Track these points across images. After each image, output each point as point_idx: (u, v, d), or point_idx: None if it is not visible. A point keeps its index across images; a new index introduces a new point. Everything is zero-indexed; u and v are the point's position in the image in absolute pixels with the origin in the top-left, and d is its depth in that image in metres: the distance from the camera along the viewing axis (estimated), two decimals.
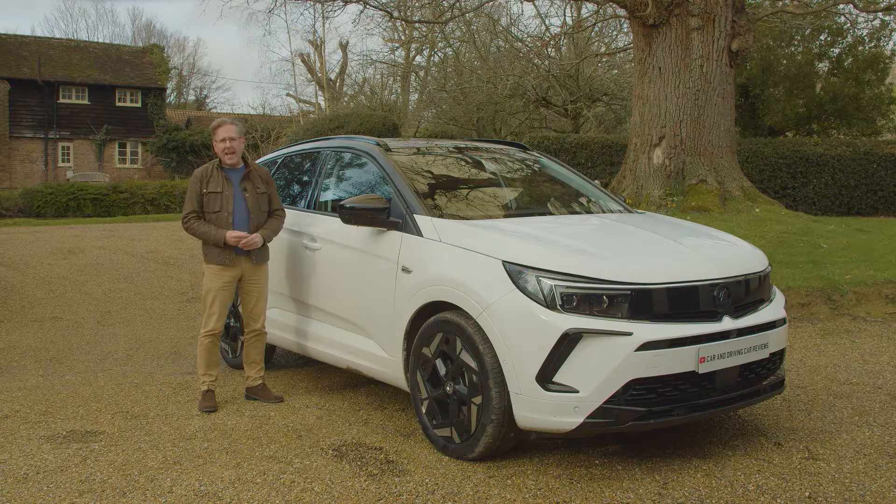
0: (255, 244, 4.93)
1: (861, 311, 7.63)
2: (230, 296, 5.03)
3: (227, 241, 4.85)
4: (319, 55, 36.37)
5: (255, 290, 5.06)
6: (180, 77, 53.08)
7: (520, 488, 3.64)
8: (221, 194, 4.92)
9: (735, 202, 12.03)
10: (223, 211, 4.91)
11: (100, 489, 3.69)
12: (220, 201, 4.92)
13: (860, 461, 3.96)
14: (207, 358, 5.01)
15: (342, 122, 23.13)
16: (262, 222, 5.06)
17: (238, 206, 4.95)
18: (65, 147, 35.89)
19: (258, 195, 5.03)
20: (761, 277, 4.23)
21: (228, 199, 4.93)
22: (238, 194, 4.97)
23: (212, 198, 4.92)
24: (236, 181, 4.99)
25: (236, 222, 4.93)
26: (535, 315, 3.68)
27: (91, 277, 10.26)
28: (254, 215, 4.99)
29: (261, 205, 5.05)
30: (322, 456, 4.08)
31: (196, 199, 4.93)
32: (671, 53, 12.14)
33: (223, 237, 4.85)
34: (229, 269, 4.95)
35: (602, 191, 5.51)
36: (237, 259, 4.95)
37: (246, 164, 5.07)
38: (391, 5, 17.55)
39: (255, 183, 5.04)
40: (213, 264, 4.95)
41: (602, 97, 24.58)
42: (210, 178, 4.95)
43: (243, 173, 5.03)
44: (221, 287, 4.95)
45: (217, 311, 4.96)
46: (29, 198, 23.72)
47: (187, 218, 4.94)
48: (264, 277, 5.12)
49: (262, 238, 4.98)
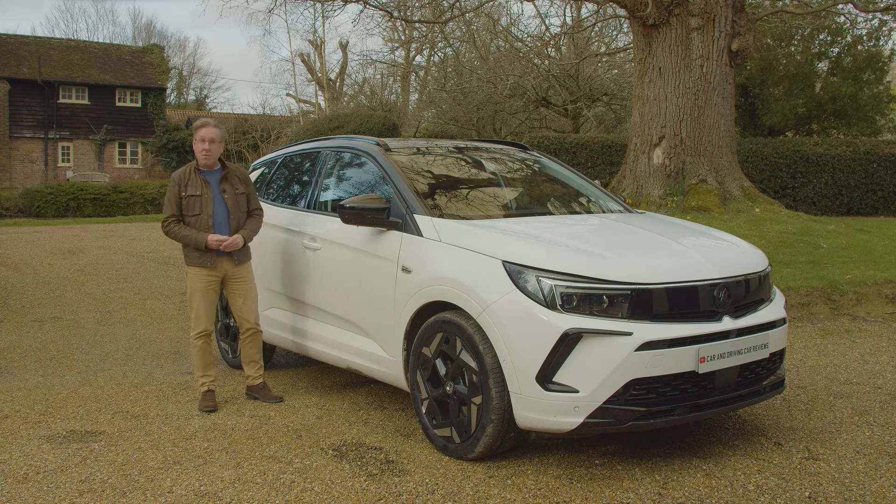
0: (237, 246, 4.93)
1: (861, 311, 7.63)
2: (215, 296, 5.04)
3: (208, 244, 4.86)
4: (319, 55, 36.40)
5: (240, 289, 5.06)
6: (180, 77, 53.10)
7: (520, 488, 3.64)
8: (201, 197, 4.91)
9: (735, 202, 12.03)
10: (203, 214, 4.90)
11: (100, 489, 3.69)
12: (200, 204, 4.90)
13: (860, 461, 3.96)
14: (202, 359, 5.02)
15: (342, 122, 23.13)
16: (243, 223, 5.05)
17: (218, 208, 4.94)
18: (65, 147, 35.89)
19: (237, 196, 5.02)
20: (761, 277, 4.23)
21: (208, 201, 4.91)
22: (217, 196, 4.96)
23: (191, 201, 4.90)
24: (214, 183, 4.98)
25: (217, 224, 4.93)
26: (535, 315, 3.68)
27: (91, 277, 10.26)
28: (233, 216, 4.98)
29: (240, 205, 5.04)
30: (322, 456, 4.08)
31: (175, 203, 4.91)
32: (671, 53, 12.14)
33: (204, 241, 4.85)
34: (211, 270, 4.95)
35: (602, 191, 5.51)
36: (218, 260, 4.96)
37: (223, 166, 5.05)
38: (391, 5, 17.55)
39: (233, 184, 5.03)
40: (195, 266, 4.95)
41: (602, 97, 24.58)
42: (189, 182, 4.92)
43: (221, 175, 5.01)
44: (205, 288, 4.96)
45: (203, 312, 4.97)
46: (29, 198, 23.75)
47: (167, 222, 4.93)
48: (249, 276, 5.12)
49: (243, 239, 4.98)
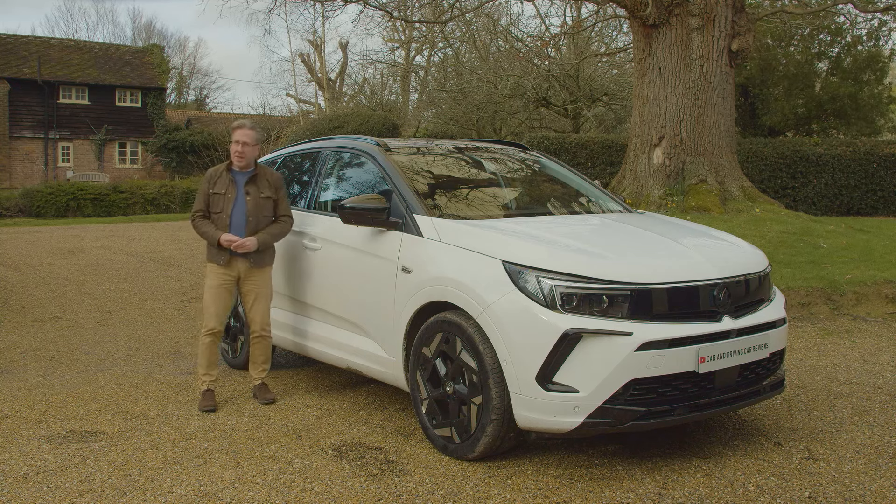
0: (247, 248, 4.93)
1: (861, 311, 7.63)
2: (228, 296, 5.04)
3: (220, 242, 4.92)
4: (319, 55, 36.41)
5: (251, 292, 5.07)
6: (180, 77, 53.09)
7: (520, 488, 3.64)
8: (224, 195, 4.99)
9: (735, 202, 12.03)
10: (223, 212, 4.98)
11: (100, 489, 3.69)
12: (223, 203, 4.99)
13: (860, 461, 3.96)
14: (207, 357, 5.03)
15: (342, 122, 23.15)
16: (262, 226, 5.05)
17: (237, 209, 4.98)
18: (65, 147, 35.88)
19: (260, 199, 5.04)
20: (761, 277, 4.23)
21: (230, 201, 4.98)
22: (240, 197, 5.00)
23: (216, 198, 5.02)
24: (241, 184, 5.03)
25: (233, 224, 4.96)
26: (535, 315, 3.68)
27: (91, 277, 10.26)
28: (251, 219, 4.99)
29: (261, 209, 5.04)
30: (322, 456, 4.08)
31: (204, 199, 5.04)
32: (671, 53, 12.14)
33: (217, 238, 4.92)
34: (226, 269, 4.98)
35: (602, 191, 5.51)
36: (233, 260, 4.98)
37: (256, 168, 5.09)
38: (391, 5, 17.55)
39: (259, 187, 5.05)
40: (212, 263, 5.02)
41: (602, 97, 24.59)
42: (218, 179, 5.04)
43: (249, 176, 5.05)
44: (218, 286, 4.99)
45: (214, 310, 4.98)
46: (29, 198, 23.74)
47: (194, 216, 5.06)
48: (262, 281, 5.10)
49: (257, 242, 4.96)
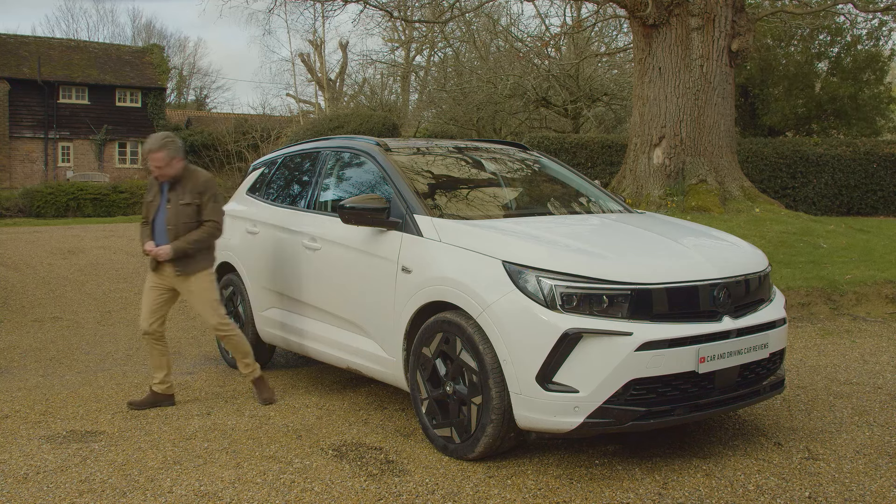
0: (161, 256, 4.92)
1: (861, 311, 7.63)
2: (158, 298, 5.07)
3: (143, 250, 5.07)
4: (319, 55, 36.39)
5: (190, 300, 5.13)
6: (180, 77, 53.09)
7: (520, 488, 3.64)
8: (151, 203, 5.09)
9: (735, 202, 12.03)
10: (149, 220, 5.09)
11: (100, 489, 3.69)
12: (149, 210, 5.10)
13: (860, 461, 3.96)
14: (150, 360, 5.17)
15: (342, 122, 23.13)
16: (182, 233, 4.96)
17: (159, 217, 5.04)
18: (65, 147, 35.87)
19: (180, 206, 4.96)
20: (761, 277, 4.23)
21: (153, 208, 5.07)
22: (163, 204, 5.04)
23: (147, 206, 5.13)
24: (165, 190, 5.05)
25: (156, 232, 5.04)
26: (535, 315, 3.68)
27: (91, 277, 10.26)
28: (171, 227, 4.95)
29: (180, 216, 4.95)
30: (322, 456, 4.08)
31: (144, 207, 5.19)
32: (671, 53, 12.14)
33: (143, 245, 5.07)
34: (156, 274, 5.07)
35: (602, 191, 5.51)
36: (160, 268, 5.05)
37: (182, 174, 5.00)
38: (391, 5, 17.55)
39: (179, 193, 4.98)
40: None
41: (602, 97, 24.58)
42: (150, 187, 5.13)
43: (172, 183, 5.01)
44: (148, 288, 5.11)
45: (143, 311, 5.09)
46: (29, 198, 23.76)
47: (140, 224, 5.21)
48: (198, 289, 5.02)
49: (172, 250, 4.90)
